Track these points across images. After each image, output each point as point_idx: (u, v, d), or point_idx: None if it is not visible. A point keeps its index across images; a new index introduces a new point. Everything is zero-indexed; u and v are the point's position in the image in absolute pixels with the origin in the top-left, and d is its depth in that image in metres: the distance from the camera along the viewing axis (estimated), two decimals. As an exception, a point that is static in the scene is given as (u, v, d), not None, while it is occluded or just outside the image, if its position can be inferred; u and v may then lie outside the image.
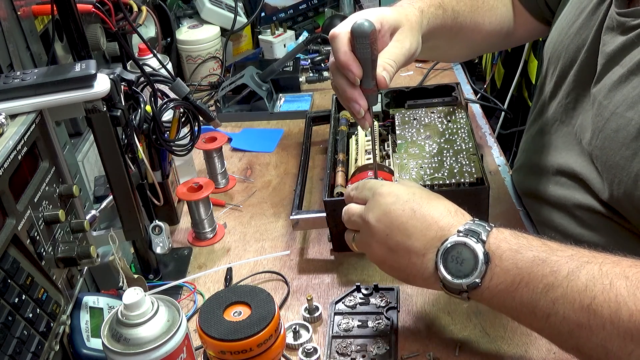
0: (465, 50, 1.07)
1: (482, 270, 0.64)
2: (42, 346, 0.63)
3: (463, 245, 0.65)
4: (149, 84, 0.85)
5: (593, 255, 0.61)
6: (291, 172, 1.17)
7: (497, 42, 1.06)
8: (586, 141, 0.81)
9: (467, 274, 0.65)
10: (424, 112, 1.06)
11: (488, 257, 0.64)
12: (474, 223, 0.67)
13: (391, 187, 0.73)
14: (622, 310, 0.57)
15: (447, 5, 0.93)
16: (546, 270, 0.61)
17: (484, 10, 0.99)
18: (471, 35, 0.99)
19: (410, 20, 0.83)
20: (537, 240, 0.65)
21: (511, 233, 0.66)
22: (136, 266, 0.92)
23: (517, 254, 0.64)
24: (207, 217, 1.00)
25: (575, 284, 0.60)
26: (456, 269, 0.66)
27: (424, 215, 0.69)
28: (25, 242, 0.62)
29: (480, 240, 0.65)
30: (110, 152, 0.76)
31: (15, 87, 0.67)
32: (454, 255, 0.66)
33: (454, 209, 0.70)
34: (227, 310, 0.71)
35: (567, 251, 0.62)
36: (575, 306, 0.59)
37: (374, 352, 0.76)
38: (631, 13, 0.77)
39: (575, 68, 0.86)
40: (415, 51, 0.83)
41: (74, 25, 0.78)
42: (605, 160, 0.77)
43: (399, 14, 0.82)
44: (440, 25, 0.91)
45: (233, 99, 1.35)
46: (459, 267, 0.66)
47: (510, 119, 1.76)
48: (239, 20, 1.55)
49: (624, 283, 0.58)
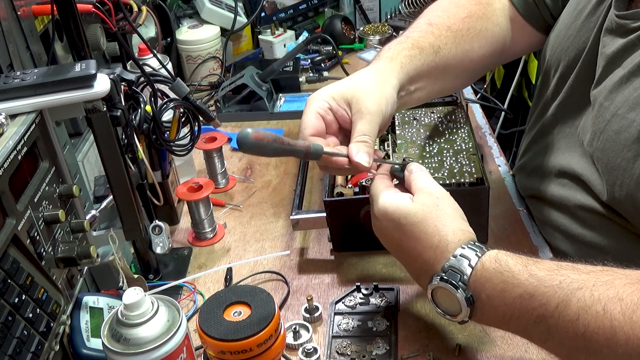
0: (459, 80, 0.99)
1: (467, 312, 0.66)
2: (42, 346, 0.63)
3: (444, 289, 0.66)
4: (149, 84, 0.85)
5: (584, 280, 0.60)
6: (291, 172, 1.17)
7: (492, 62, 1.00)
8: (587, 142, 0.81)
9: (455, 312, 0.67)
10: (424, 112, 1.06)
11: (472, 300, 0.65)
12: (457, 259, 0.67)
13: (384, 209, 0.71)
14: (618, 336, 0.56)
15: (423, 44, 0.87)
16: (535, 304, 0.61)
17: (470, 37, 0.92)
18: (461, 65, 0.93)
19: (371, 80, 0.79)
20: (524, 273, 0.63)
21: (495, 270, 0.65)
22: (136, 266, 0.92)
23: (503, 292, 0.64)
24: (207, 217, 1.00)
25: (567, 314, 0.59)
26: (446, 306, 0.68)
27: (408, 248, 0.71)
28: (25, 242, 0.62)
29: (462, 282, 0.65)
30: (110, 152, 0.76)
31: (15, 87, 0.67)
32: (441, 295, 0.68)
33: (438, 238, 0.68)
34: (227, 310, 0.71)
35: (555, 279, 0.61)
36: (570, 334, 0.59)
37: (374, 352, 0.76)
38: (631, 15, 0.77)
39: (576, 70, 0.86)
40: (387, 109, 0.78)
41: (74, 25, 0.78)
42: (607, 162, 0.76)
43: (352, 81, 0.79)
44: (420, 65, 0.86)
45: (233, 99, 1.35)
46: (447, 304, 0.68)
47: (510, 119, 1.77)
48: (239, 20, 1.55)
49: (618, 307, 0.57)
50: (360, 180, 0.92)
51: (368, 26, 1.67)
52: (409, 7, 1.63)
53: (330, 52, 1.53)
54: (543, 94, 0.96)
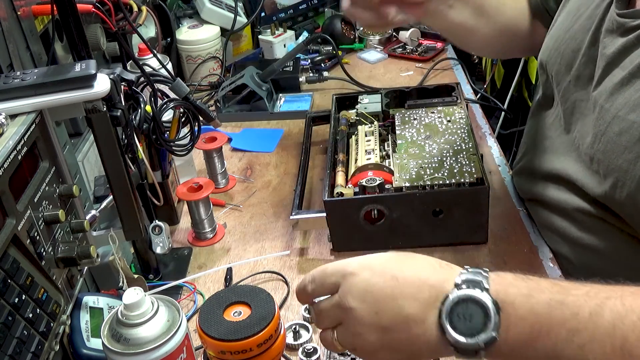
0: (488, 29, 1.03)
1: (496, 322, 0.55)
2: (42, 346, 0.63)
3: (467, 300, 0.56)
4: (149, 84, 0.85)
5: (611, 289, 0.55)
6: (291, 172, 1.17)
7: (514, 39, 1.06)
8: (587, 145, 0.81)
9: (479, 330, 0.56)
10: (424, 112, 1.06)
11: (498, 307, 0.56)
12: (468, 272, 0.58)
13: (358, 262, 0.63)
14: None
15: None
16: (566, 314, 0.54)
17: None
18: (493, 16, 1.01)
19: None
20: (545, 282, 0.57)
21: (514, 276, 0.58)
22: (136, 266, 0.92)
23: (530, 298, 0.56)
24: (207, 217, 1.00)
25: (602, 324, 0.53)
26: (466, 327, 0.56)
27: (408, 279, 0.60)
28: (25, 242, 0.62)
29: (484, 289, 0.56)
30: (110, 152, 0.76)
31: (15, 87, 0.67)
32: (459, 312, 0.57)
33: (437, 263, 0.62)
34: (227, 310, 0.71)
35: (581, 288, 0.56)
36: (607, 349, 0.53)
37: (374, 352, 0.76)
38: (631, 14, 0.76)
39: (573, 73, 0.86)
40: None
41: (74, 25, 0.78)
42: (608, 164, 0.76)
43: None
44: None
45: (233, 99, 1.35)
46: (468, 324, 0.56)
47: (510, 119, 1.76)
48: (239, 20, 1.55)
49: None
50: (360, 181, 0.92)
51: (368, 26, 1.67)
52: (409, 7, 1.63)
53: (330, 52, 1.53)
54: (539, 97, 0.97)
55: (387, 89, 1.16)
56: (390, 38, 1.63)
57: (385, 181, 0.91)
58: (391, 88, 1.16)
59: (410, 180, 0.91)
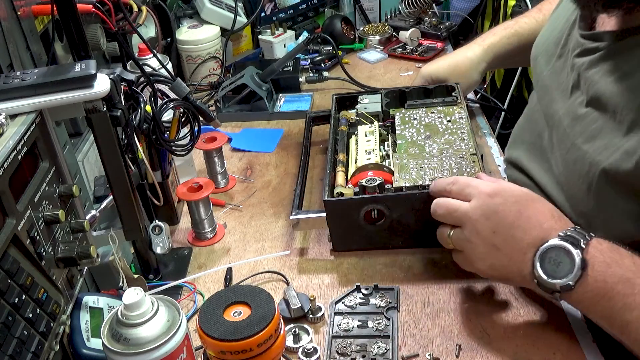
0: None
1: (577, 275, 0.67)
2: (42, 346, 0.63)
3: (562, 249, 0.69)
4: (149, 84, 0.85)
5: None
6: (291, 172, 1.17)
7: None
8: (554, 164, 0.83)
9: (562, 276, 0.68)
10: (424, 112, 1.06)
11: (585, 264, 0.67)
12: (575, 230, 0.70)
13: (497, 188, 0.76)
14: None
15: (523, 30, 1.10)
16: (627, 291, 0.65)
17: None
18: None
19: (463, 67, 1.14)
20: (628, 258, 0.68)
21: (609, 246, 0.69)
22: (136, 266, 0.92)
23: (608, 268, 0.67)
24: (207, 217, 1.00)
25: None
26: (552, 270, 0.69)
27: (529, 217, 0.72)
28: (25, 242, 0.62)
29: (579, 247, 0.68)
30: (110, 152, 0.76)
31: (15, 87, 0.67)
32: (552, 257, 0.69)
33: (557, 214, 0.73)
34: (227, 310, 0.71)
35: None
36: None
37: (374, 352, 0.76)
38: (590, 36, 0.79)
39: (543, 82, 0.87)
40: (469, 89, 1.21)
41: (74, 25, 0.78)
42: (568, 189, 0.80)
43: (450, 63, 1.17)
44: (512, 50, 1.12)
45: (233, 99, 1.35)
46: (555, 268, 0.69)
47: (510, 119, 1.76)
48: (239, 20, 1.55)
49: None
50: (360, 181, 0.92)
51: (368, 26, 1.67)
52: (409, 7, 1.63)
53: (330, 52, 1.53)
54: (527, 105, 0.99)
55: (387, 89, 1.16)
56: (390, 38, 1.63)
57: (385, 181, 0.91)
58: (391, 88, 1.16)
59: (410, 180, 0.91)
